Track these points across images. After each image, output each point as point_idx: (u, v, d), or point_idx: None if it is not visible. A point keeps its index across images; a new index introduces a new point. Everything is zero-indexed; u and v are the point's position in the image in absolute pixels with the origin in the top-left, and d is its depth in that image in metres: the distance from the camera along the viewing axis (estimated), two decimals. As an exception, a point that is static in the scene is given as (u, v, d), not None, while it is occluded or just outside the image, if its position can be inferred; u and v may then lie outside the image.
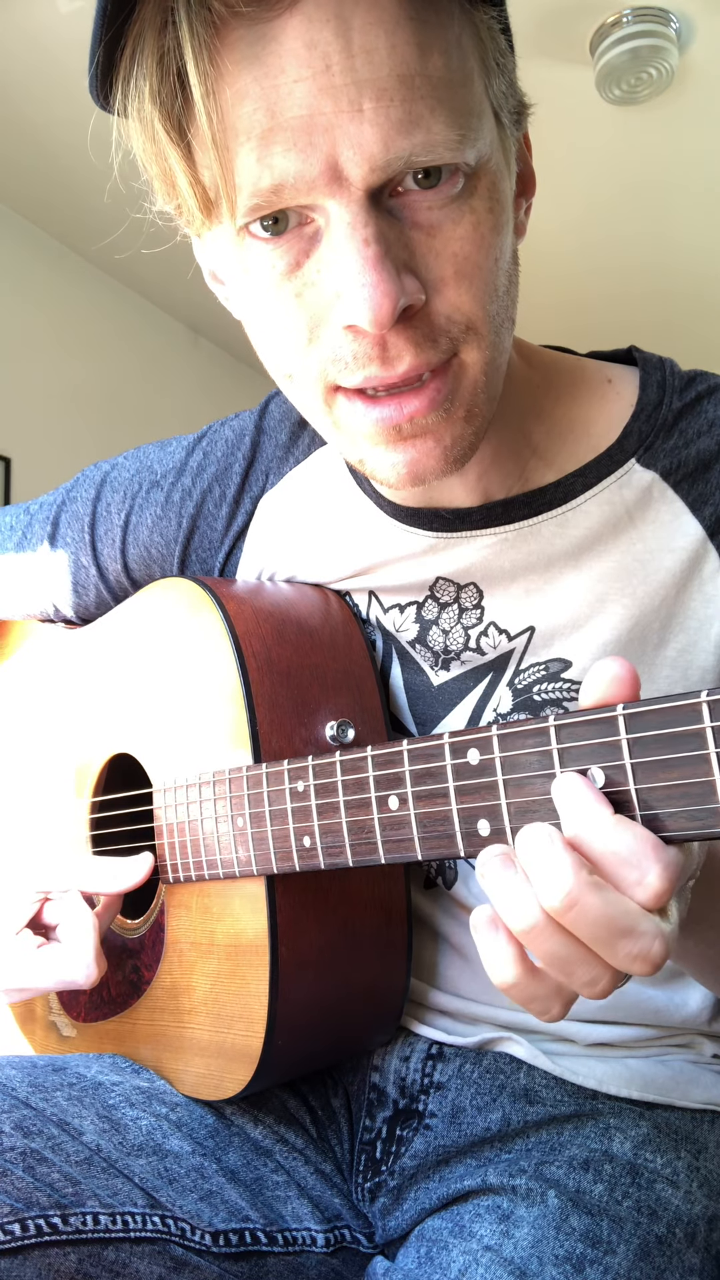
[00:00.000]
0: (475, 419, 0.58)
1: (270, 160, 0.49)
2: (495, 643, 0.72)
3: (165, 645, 0.79)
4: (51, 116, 2.40)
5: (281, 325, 0.56)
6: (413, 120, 0.49)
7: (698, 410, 0.68)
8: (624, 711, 0.42)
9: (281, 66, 0.48)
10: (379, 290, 0.50)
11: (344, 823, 0.57)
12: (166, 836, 0.74)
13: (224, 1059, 0.70)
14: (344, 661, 0.75)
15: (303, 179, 0.50)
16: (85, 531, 0.89)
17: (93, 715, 0.87)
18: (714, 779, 0.39)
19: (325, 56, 0.48)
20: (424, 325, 0.54)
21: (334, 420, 0.58)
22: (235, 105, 0.49)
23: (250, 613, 0.73)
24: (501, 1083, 0.74)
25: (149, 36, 0.49)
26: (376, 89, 0.48)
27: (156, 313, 3.44)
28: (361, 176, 0.49)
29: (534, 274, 0.63)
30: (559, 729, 0.45)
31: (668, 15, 2.20)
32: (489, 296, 0.55)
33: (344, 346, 0.54)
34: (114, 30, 0.50)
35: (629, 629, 0.68)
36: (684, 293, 3.31)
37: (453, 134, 0.50)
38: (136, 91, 0.51)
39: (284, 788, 0.62)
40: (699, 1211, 0.68)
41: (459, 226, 0.53)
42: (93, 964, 0.70)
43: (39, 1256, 0.59)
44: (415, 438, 0.57)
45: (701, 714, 0.39)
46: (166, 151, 0.52)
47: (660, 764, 0.41)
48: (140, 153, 0.53)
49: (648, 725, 0.41)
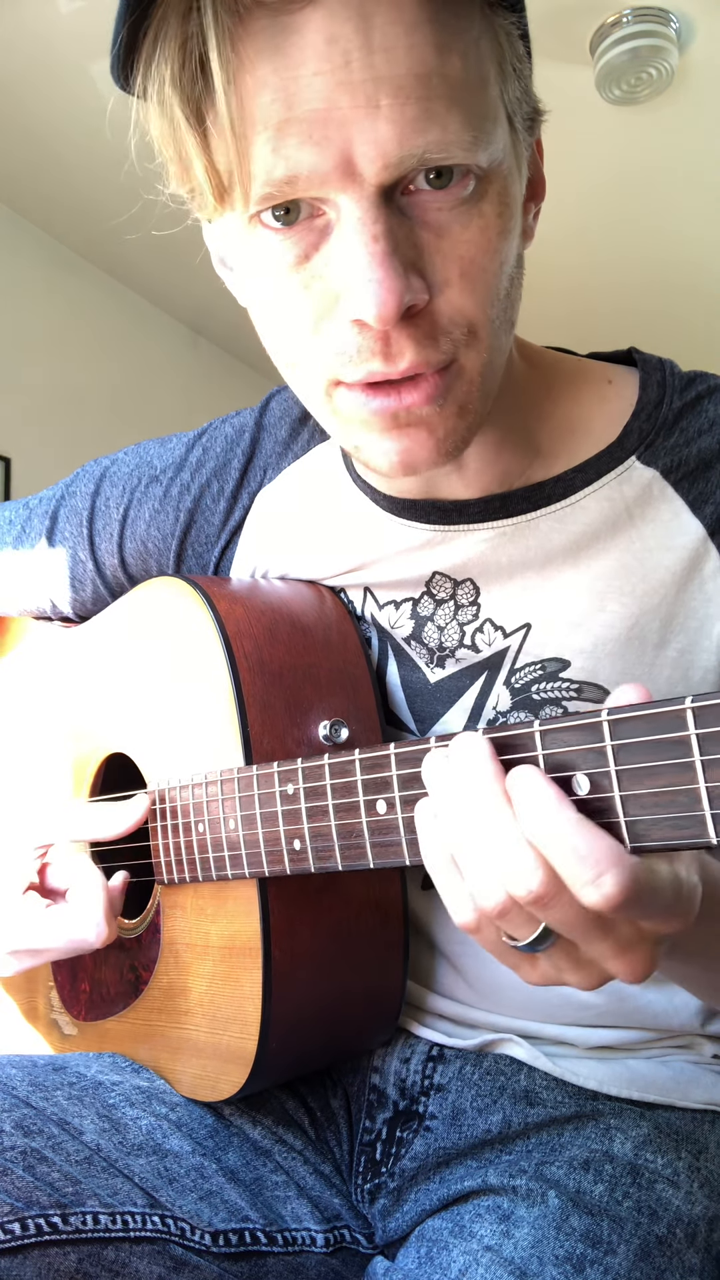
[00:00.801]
0: (469, 415, 0.58)
1: (285, 151, 0.50)
2: (490, 640, 0.71)
3: (158, 646, 0.78)
4: (52, 116, 2.40)
5: (288, 315, 0.56)
6: (428, 119, 0.49)
7: (698, 409, 0.68)
8: (609, 717, 0.41)
9: (302, 59, 0.49)
10: (385, 286, 0.50)
11: (333, 826, 0.57)
12: (161, 838, 0.74)
13: (220, 1060, 0.70)
14: (338, 660, 0.74)
15: (316, 172, 0.50)
16: (83, 526, 0.89)
17: (89, 715, 0.87)
18: (699, 787, 0.38)
19: (345, 52, 0.48)
20: (426, 324, 0.54)
21: (333, 409, 0.59)
22: (254, 94, 0.50)
23: (242, 613, 0.73)
24: (502, 1084, 0.74)
25: (173, 20, 0.50)
26: (394, 86, 0.48)
27: (156, 313, 3.44)
28: (375, 173, 0.50)
29: (533, 273, 0.64)
30: (544, 734, 0.44)
31: (668, 15, 2.19)
32: (491, 300, 0.55)
33: (348, 340, 0.54)
34: (139, 12, 0.50)
35: (628, 628, 0.68)
36: (684, 292, 3.31)
37: (467, 135, 0.50)
38: (157, 74, 0.51)
39: (274, 790, 0.62)
40: (699, 1212, 0.68)
41: (467, 230, 0.53)
42: (102, 922, 0.69)
43: (39, 1256, 0.59)
44: (410, 427, 0.57)
45: (686, 720, 0.38)
46: (184, 136, 0.52)
47: (645, 771, 0.40)
48: (157, 135, 0.54)
49: (633, 731, 0.41)
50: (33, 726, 0.94)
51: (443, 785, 0.47)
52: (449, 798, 0.46)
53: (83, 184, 2.60)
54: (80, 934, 0.70)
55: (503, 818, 0.44)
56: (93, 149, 2.37)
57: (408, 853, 0.52)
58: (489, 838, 0.44)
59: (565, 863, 0.41)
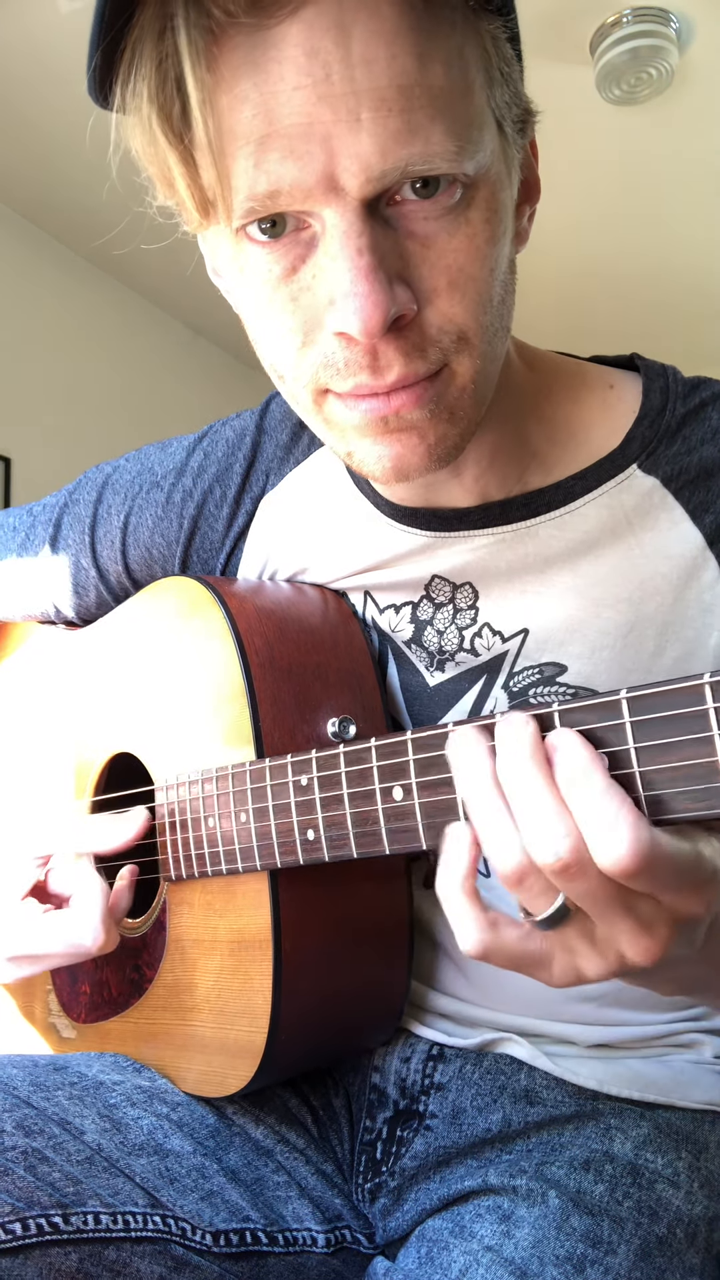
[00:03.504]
0: (460, 421, 0.58)
1: (267, 166, 0.50)
2: (489, 644, 0.72)
3: (167, 644, 0.79)
4: (51, 116, 2.40)
5: (277, 327, 0.56)
6: (411, 130, 0.49)
7: (702, 417, 0.68)
8: (628, 695, 0.43)
9: (281, 74, 0.48)
10: (370, 301, 0.50)
11: (348, 814, 0.58)
12: (169, 834, 0.74)
13: (227, 1055, 0.70)
14: (345, 660, 0.75)
15: (299, 186, 0.50)
16: (86, 533, 0.89)
17: (94, 715, 0.87)
18: (717, 759, 0.40)
19: (325, 65, 0.48)
20: (415, 335, 0.54)
21: (324, 418, 0.59)
22: (233, 109, 0.49)
23: (252, 611, 0.73)
24: (502, 1084, 0.74)
25: (148, 41, 0.49)
26: (375, 99, 0.48)
27: (156, 313, 3.44)
28: (358, 186, 0.49)
29: (533, 274, 0.64)
30: (563, 714, 0.45)
31: (668, 15, 2.20)
32: (482, 307, 0.55)
33: (336, 352, 0.54)
34: (112, 35, 0.50)
35: (624, 635, 0.68)
36: (684, 292, 3.32)
37: (451, 145, 0.50)
38: (135, 94, 0.51)
39: (287, 781, 0.62)
40: (700, 1212, 0.68)
41: (454, 238, 0.53)
42: (100, 927, 0.69)
43: (40, 1256, 0.59)
44: (401, 431, 0.57)
45: (704, 695, 0.40)
46: (165, 153, 0.52)
47: (664, 746, 0.42)
48: (139, 152, 0.53)
49: (651, 708, 0.42)
50: (36, 729, 0.95)
51: (479, 754, 0.47)
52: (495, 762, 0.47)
53: (83, 184, 2.60)
54: (78, 939, 0.70)
55: (541, 781, 0.44)
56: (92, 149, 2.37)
57: (424, 837, 0.53)
58: (526, 799, 0.45)
59: (589, 823, 0.42)
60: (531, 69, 0.60)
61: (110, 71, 0.52)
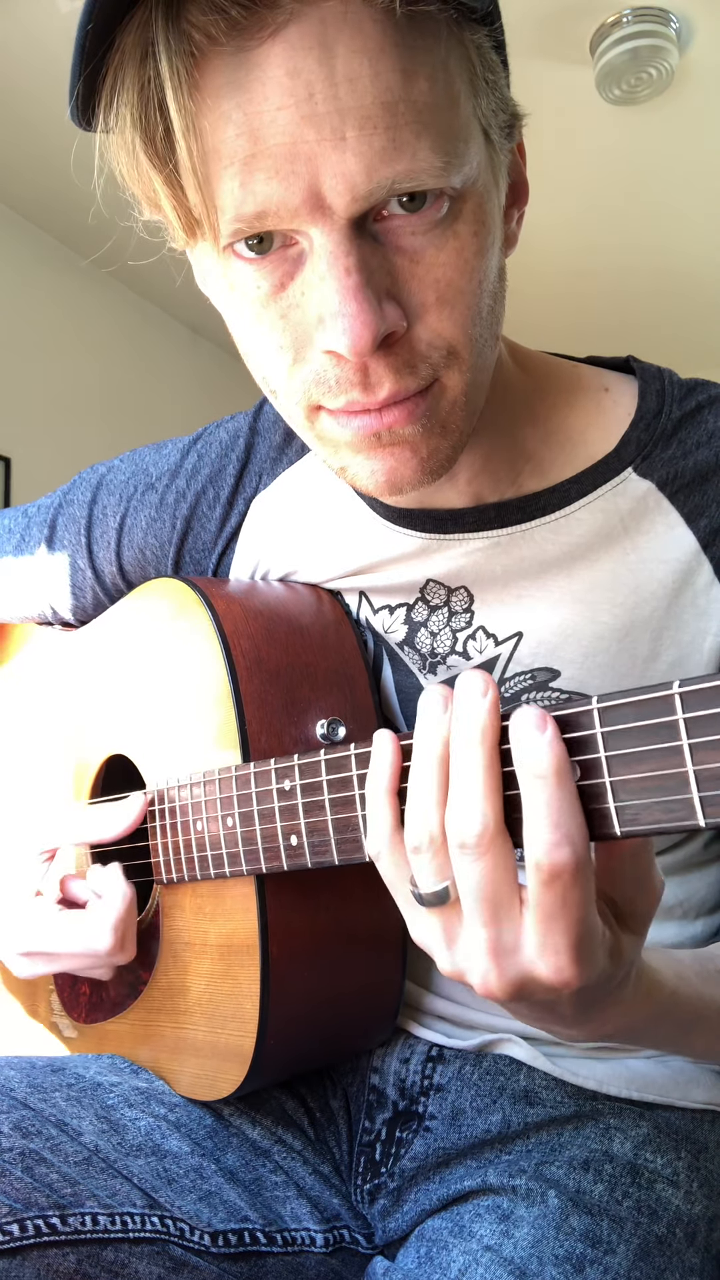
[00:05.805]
0: (452, 434, 0.58)
1: (253, 186, 0.49)
2: (482, 647, 0.71)
3: (156, 646, 0.79)
4: (51, 116, 2.40)
5: (267, 343, 0.56)
6: (396, 147, 0.48)
7: (698, 420, 0.68)
8: (599, 705, 0.42)
9: (265, 94, 0.48)
10: (359, 320, 0.50)
11: (329, 821, 0.57)
12: (160, 837, 0.74)
13: (218, 1059, 0.70)
14: (335, 660, 0.74)
15: (285, 206, 0.49)
16: (81, 534, 0.89)
17: (89, 717, 0.87)
18: (687, 770, 0.39)
19: (309, 84, 0.47)
20: (405, 351, 0.54)
21: (317, 434, 0.59)
22: (217, 130, 0.49)
23: (240, 612, 0.73)
24: (501, 1084, 0.74)
25: (129, 67, 0.49)
26: (360, 117, 0.48)
27: (156, 313, 3.44)
28: (344, 205, 0.49)
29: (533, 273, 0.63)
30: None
31: (668, 15, 2.20)
32: (472, 320, 0.55)
33: (327, 370, 0.54)
34: (94, 62, 0.50)
35: (619, 640, 0.68)
36: (684, 292, 3.32)
37: (437, 160, 0.49)
38: (119, 119, 0.51)
39: (271, 787, 0.62)
40: (699, 1211, 0.68)
41: (442, 252, 0.52)
42: (111, 931, 0.69)
43: (38, 1257, 0.59)
44: (393, 446, 0.57)
45: (674, 705, 0.39)
46: (149, 176, 0.51)
47: (635, 756, 0.41)
48: (124, 174, 0.53)
49: (622, 718, 0.41)
50: (34, 731, 0.95)
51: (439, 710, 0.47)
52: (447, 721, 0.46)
53: (82, 184, 2.60)
54: (93, 941, 0.69)
55: (485, 749, 0.44)
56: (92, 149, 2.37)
57: None
58: (465, 764, 0.44)
59: (535, 815, 0.42)
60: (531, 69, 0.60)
61: (92, 97, 0.51)
